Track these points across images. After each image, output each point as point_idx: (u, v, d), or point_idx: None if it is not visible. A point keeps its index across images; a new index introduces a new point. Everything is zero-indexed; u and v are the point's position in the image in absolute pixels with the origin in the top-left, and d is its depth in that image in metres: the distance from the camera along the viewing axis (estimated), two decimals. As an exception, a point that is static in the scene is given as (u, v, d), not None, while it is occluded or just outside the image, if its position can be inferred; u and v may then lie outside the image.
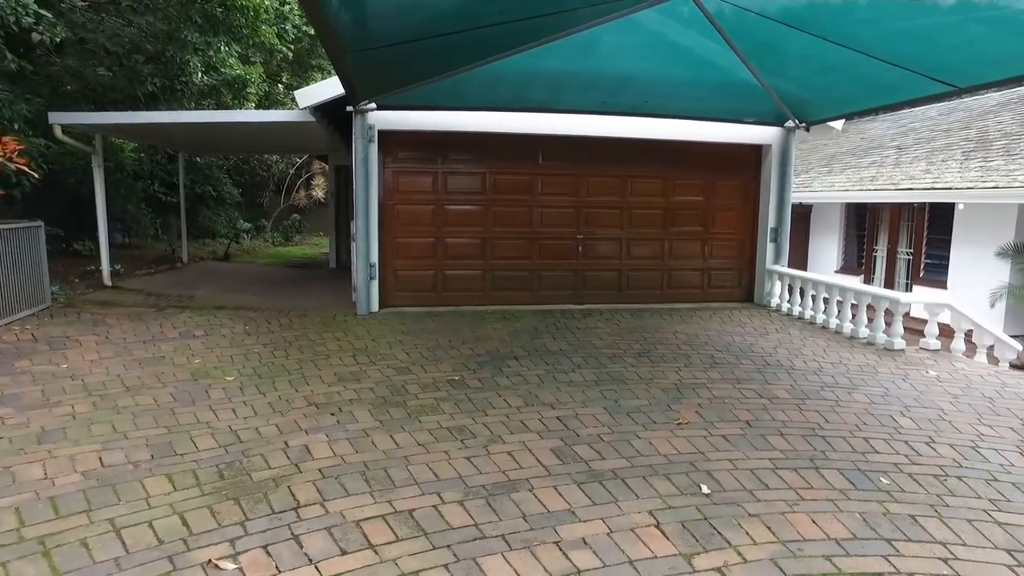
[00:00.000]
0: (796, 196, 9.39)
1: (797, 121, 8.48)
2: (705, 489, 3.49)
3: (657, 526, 3.10)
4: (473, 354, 6.22)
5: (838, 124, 9.23)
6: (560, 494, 3.40)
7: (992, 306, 10.93)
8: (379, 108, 7.85)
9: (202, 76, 11.27)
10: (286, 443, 3.97)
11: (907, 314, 7.13)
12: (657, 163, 9.03)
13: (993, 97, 15.61)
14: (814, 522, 3.19)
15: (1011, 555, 3.04)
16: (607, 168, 8.94)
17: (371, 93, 7.40)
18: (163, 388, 4.95)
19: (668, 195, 9.16)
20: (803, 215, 15.08)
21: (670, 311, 8.69)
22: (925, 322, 7.35)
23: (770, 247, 9.26)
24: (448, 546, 2.90)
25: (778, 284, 9.09)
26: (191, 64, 10.74)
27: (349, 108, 7.73)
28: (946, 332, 7.28)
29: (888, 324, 7.00)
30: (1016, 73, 5.90)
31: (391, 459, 3.79)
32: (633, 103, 7.92)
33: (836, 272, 14.68)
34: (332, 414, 4.50)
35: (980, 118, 14.03)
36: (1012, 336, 7.75)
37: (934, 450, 4.19)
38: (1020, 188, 10.11)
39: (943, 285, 11.93)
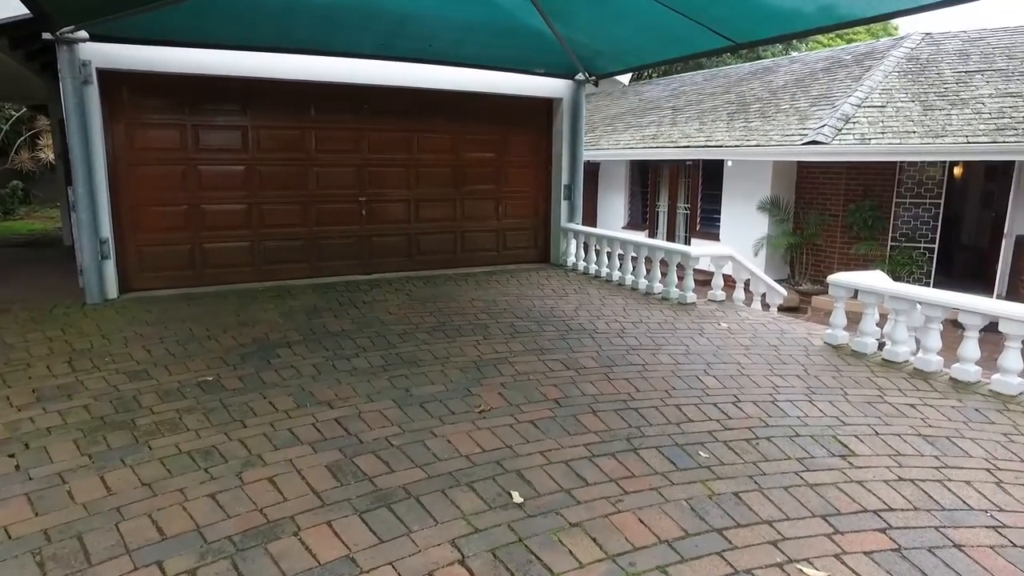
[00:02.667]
0: (585, 154, 9.25)
1: (587, 74, 8.22)
2: (517, 497, 2.90)
3: (463, 562, 2.43)
4: (236, 344, 5.08)
5: (625, 79, 9.23)
6: (336, 533, 2.59)
7: (755, 255, 11.96)
8: (95, 39, 6.12)
9: None
10: (-83, 514, 2.67)
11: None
12: (446, 117, 8.29)
13: (743, 67, 17.15)
14: (642, 521, 2.74)
15: (826, 521, 2.86)
16: (392, 122, 8.01)
17: (76, 15, 5.67)
18: None
19: (458, 152, 8.49)
20: (591, 173, 15.41)
21: (465, 276, 8.12)
22: (710, 274, 7.60)
23: (564, 205, 9.05)
24: (161, 655, 1.97)
25: (573, 243, 8.94)
26: None
27: (47, 35, 5.92)
28: (728, 282, 7.58)
29: (680, 278, 7.07)
30: (783, 31, 6.07)
31: (94, 516, 2.68)
32: (415, 47, 7.07)
33: (623, 228, 15.27)
34: (11, 456, 3.21)
35: (737, 84, 15.25)
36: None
37: (741, 410, 4.04)
38: (776, 147, 11.04)
39: (716, 237, 12.85)
